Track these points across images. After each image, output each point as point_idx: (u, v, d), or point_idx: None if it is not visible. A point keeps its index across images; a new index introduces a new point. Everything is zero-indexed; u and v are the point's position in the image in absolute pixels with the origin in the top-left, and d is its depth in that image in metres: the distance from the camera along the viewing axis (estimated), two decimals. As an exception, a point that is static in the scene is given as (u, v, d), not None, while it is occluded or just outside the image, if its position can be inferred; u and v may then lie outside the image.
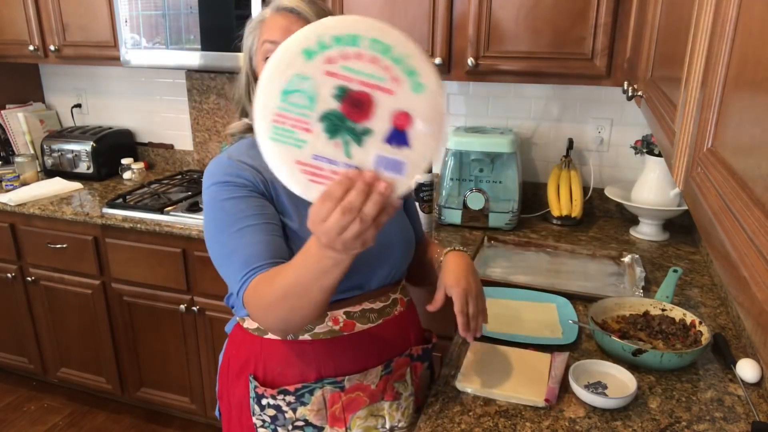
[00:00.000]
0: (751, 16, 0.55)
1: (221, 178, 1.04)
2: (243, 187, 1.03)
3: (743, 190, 0.51)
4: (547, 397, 1.11)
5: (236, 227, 0.99)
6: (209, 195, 1.05)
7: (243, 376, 1.12)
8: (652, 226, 1.95)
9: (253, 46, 1.07)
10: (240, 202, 1.01)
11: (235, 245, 0.99)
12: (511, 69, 1.81)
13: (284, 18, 1.05)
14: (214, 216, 1.03)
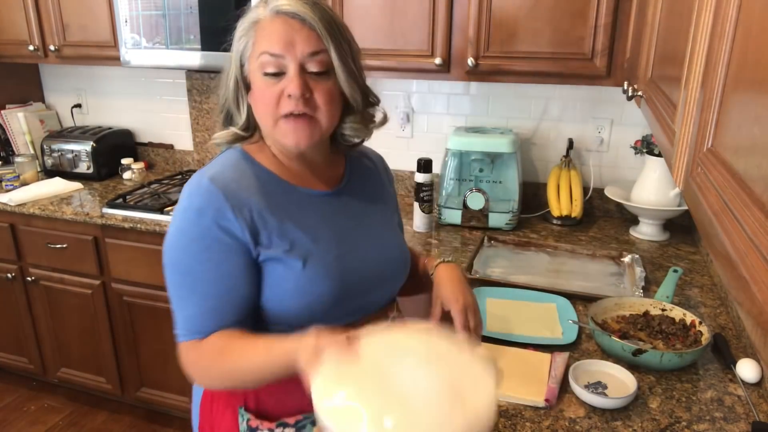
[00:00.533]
0: (751, 16, 0.55)
1: (201, 206, 0.92)
2: (214, 233, 0.91)
3: (743, 190, 0.51)
4: (547, 397, 1.11)
5: (192, 279, 0.93)
6: (183, 220, 0.94)
7: (230, 408, 1.02)
8: (652, 226, 1.95)
9: (246, 50, 0.95)
10: (206, 250, 0.92)
11: (184, 294, 0.94)
12: (511, 69, 1.81)
13: (285, 24, 0.92)
14: (176, 251, 0.95)
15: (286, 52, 0.91)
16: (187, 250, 0.93)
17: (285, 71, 0.91)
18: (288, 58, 0.91)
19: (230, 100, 0.99)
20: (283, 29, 0.91)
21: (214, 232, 0.91)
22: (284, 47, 0.91)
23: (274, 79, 0.92)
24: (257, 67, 0.93)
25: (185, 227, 0.93)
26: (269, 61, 0.91)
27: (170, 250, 0.95)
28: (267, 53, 0.91)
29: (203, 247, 0.92)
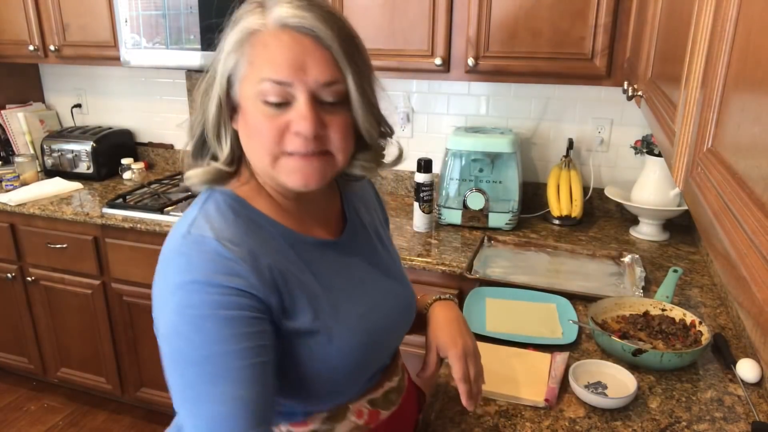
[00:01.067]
0: (751, 16, 0.55)
1: (209, 275, 0.71)
2: (234, 300, 0.71)
3: (743, 190, 0.51)
4: (547, 397, 1.11)
5: (214, 367, 0.70)
6: (186, 294, 0.71)
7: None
8: (652, 226, 1.95)
9: (237, 70, 0.75)
10: (228, 326, 0.70)
11: (204, 391, 0.71)
12: (511, 69, 1.81)
13: (294, 42, 0.73)
14: (184, 333, 0.71)
15: (295, 79, 0.73)
16: (200, 332, 0.70)
17: (291, 101, 0.74)
18: (297, 86, 0.73)
19: (210, 128, 0.79)
20: (291, 49, 0.72)
21: (237, 300, 0.71)
22: (293, 73, 0.72)
23: (276, 109, 0.74)
24: (255, 94, 0.74)
25: (192, 302, 0.71)
26: (272, 89, 0.73)
27: (174, 339, 0.72)
28: (270, 80, 0.73)
29: (224, 322, 0.70)
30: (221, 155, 0.80)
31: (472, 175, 2.02)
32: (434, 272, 1.74)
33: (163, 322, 0.73)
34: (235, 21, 0.76)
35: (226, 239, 0.74)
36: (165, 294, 0.73)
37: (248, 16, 0.75)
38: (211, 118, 0.78)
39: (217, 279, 0.71)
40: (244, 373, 0.70)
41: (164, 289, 0.73)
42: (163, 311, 0.73)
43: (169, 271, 0.74)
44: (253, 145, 0.77)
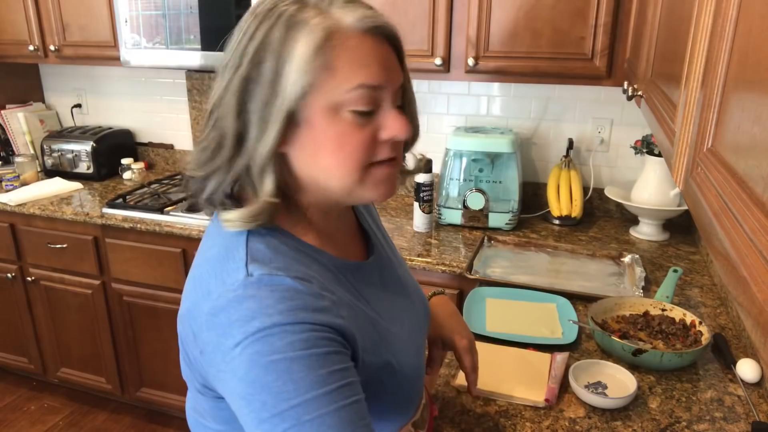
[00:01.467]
0: (751, 16, 0.55)
1: (288, 317, 0.62)
2: (324, 333, 0.63)
3: (743, 190, 0.51)
4: (547, 397, 1.11)
5: (312, 411, 0.61)
6: (259, 347, 0.61)
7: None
8: (652, 226, 1.95)
9: (309, 82, 0.64)
10: (320, 365, 0.62)
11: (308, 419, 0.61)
12: (511, 69, 1.81)
13: (378, 43, 0.67)
14: (271, 387, 0.60)
15: (387, 83, 0.68)
16: (291, 379, 0.61)
17: (376, 108, 0.68)
18: (387, 90, 0.68)
19: (263, 157, 0.66)
20: (379, 52, 0.67)
21: (326, 336, 0.63)
22: (386, 77, 0.67)
23: (365, 118, 0.68)
24: (338, 104, 0.66)
25: (275, 348, 0.61)
26: (366, 96, 0.66)
27: (258, 395, 0.61)
28: (366, 86, 0.66)
29: (316, 363, 0.62)
30: (267, 187, 0.68)
31: (472, 175, 2.02)
32: (434, 272, 1.74)
33: (236, 378, 0.62)
34: (274, 27, 0.65)
35: (298, 275, 0.65)
36: (233, 350, 0.62)
37: (313, 17, 0.65)
38: (270, 145, 0.65)
39: (300, 317, 0.62)
40: (346, 413, 0.62)
41: (231, 341, 0.62)
42: (234, 369, 0.62)
43: (234, 321, 0.62)
44: (332, 163, 0.68)
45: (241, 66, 0.66)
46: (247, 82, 0.66)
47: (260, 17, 0.67)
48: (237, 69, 0.66)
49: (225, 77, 0.68)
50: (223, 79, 0.68)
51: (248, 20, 0.69)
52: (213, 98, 0.70)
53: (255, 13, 0.69)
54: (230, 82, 0.67)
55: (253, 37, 0.66)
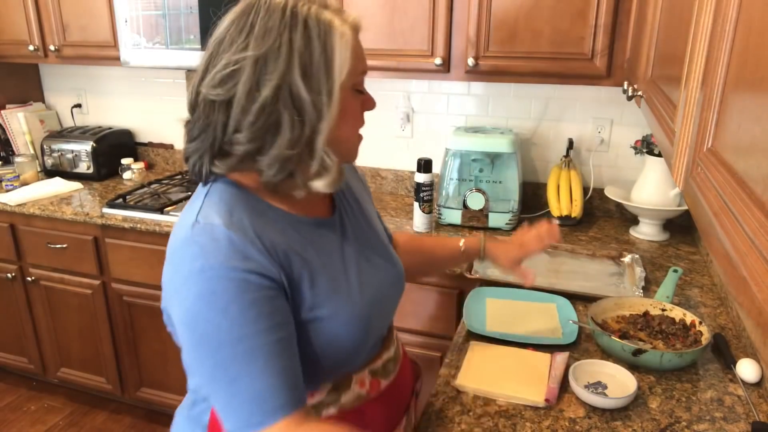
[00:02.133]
0: (751, 16, 0.55)
1: (228, 262, 0.74)
2: (253, 281, 0.75)
3: (743, 190, 0.52)
4: (547, 397, 1.11)
5: (247, 345, 0.73)
6: (205, 283, 0.73)
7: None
8: (652, 226, 1.95)
9: (350, 68, 0.80)
10: (255, 308, 0.74)
11: (240, 370, 0.74)
12: (512, 69, 1.81)
13: (358, 40, 0.85)
14: (211, 318, 0.73)
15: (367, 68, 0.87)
16: (227, 316, 0.73)
17: (363, 87, 0.87)
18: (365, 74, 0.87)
19: (327, 128, 0.79)
20: (360, 46, 0.84)
21: (254, 281, 0.75)
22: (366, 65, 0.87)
23: (360, 95, 0.86)
24: (357, 83, 0.84)
25: (213, 290, 0.73)
26: (362, 79, 0.86)
27: (200, 325, 0.74)
28: (364, 72, 0.86)
29: (248, 305, 0.74)
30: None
31: (472, 175, 2.02)
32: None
33: (182, 310, 0.76)
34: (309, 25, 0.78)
35: (234, 225, 0.78)
36: (180, 283, 0.76)
37: (334, 19, 0.80)
38: (332, 111, 0.79)
39: (233, 263, 0.74)
40: (274, 348, 0.75)
41: (179, 278, 0.76)
42: (181, 299, 0.76)
43: (182, 260, 0.77)
44: (348, 127, 0.84)
45: (293, 59, 0.76)
46: (305, 69, 0.77)
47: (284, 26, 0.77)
48: (289, 63, 0.76)
49: (276, 71, 0.76)
50: (270, 75, 0.76)
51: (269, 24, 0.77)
52: (266, 92, 0.76)
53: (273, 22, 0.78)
54: (286, 75, 0.76)
55: (291, 46, 0.77)
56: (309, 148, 0.79)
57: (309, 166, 0.81)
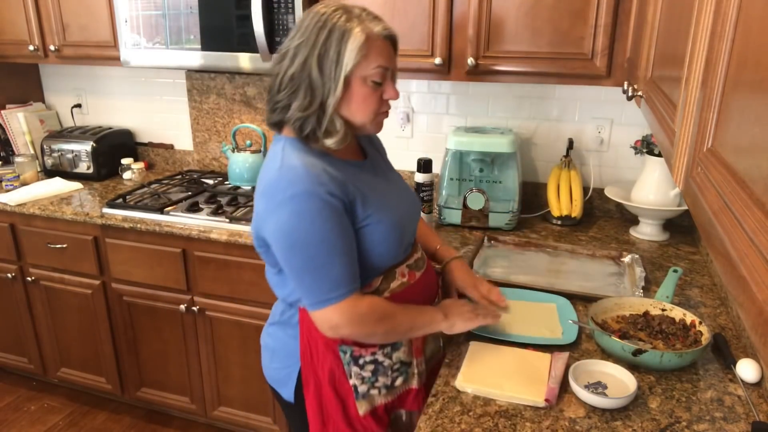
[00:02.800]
0: (751, 16, 0.55)
1: (306, 189, 1.07)
2: (329, 201, 1.08)
3: (743, 190, 0.52)
4: (547, 397, 1.11)
5: (326, 246, 1.08)
6: (295, 204, 1.07)
7: (330, 350, 1.21)
8: (652, 226, 1.95)
9: (356, 61, 1.09)
10: (329, 218, 1.08)
11: (323, 261, 1.08)
12: (511, 69, 1.81)
13: (388, 46, 1.15)
14: (301, 231, 1.07)
15: (391, 65, 1.15)
16: (314, 225, 1.07)
17: (384, 80, 1.14)
18: (389, 71, 1.15)
19: (333, 99, 1.11)
20: (387, 49, 1.14)
21: (330, 203, 1.08)
22: (390, 63, 1.15)
23: (378, 86, 1.14)
24: (368, 75, 1.11)
25: (302, 208, 1.07)
26: (379, 73, 1.12)
27: (294, 232, 1.07)
28: (382, 67, 1.12)
29: (327, 217, 1.08)
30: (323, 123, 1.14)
31: (472, 175, 2.02)
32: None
33: (278, 225, 1.09)
34: (335, 29, 1.09)
35: (308, 164, 1.11)
36: (275, 207, 1.09)
37: (355, 27, 1.09)
38: (337, 92, 1.10)
39: (313, 188, 1.07)
40: (344, 248, 1.10)
41: (273, 204, 1.09)
42: (277, 218, 1.08)
43: (276, 191, 1.09)
44: (359, 108, 1.14)
45: (315, 51, 1.09)
46: (320, 59, 1.10)
47: (317, 28, 1.10)
48: (312, 52, 1.09)
49: (301, 55, 1.10)
50: (300, 57, 1.11)
51: (310, 30, 1.11)
52: (295, 67, 1.11)
53: (311, 25, 1.11)
54: (309, 59, 1.10)
55: (316, 41, 1.09)
56: (320, 115, 1.12)
57: (321, 128, 1.13)
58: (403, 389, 1.28)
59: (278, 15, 1.93)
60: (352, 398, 1.23)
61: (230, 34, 2.01)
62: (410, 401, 1.29)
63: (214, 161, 2.71)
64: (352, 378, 1.22)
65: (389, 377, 1.24)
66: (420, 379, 1.29)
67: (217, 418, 2.31)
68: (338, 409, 1.24)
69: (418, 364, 1.29)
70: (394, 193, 1.29)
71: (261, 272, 1.99)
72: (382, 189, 1.24)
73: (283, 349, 1.30)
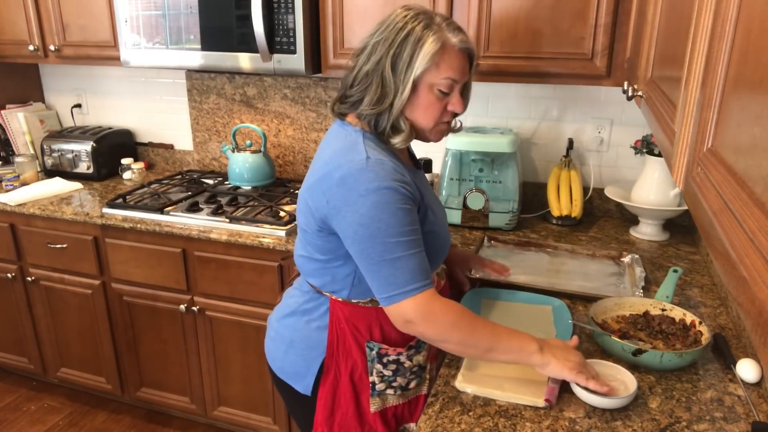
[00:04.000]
0: (751, 16, 0.55)
1: (391, 184, 1.09)
2: (409, 197, 1.11)
3: (743, 190, 0.52)
4: (547, 397, 1.11)
5: (405, 238, 1.09)
6: (380, 196, 1.08)
7: (356, 344, 1.25)
8: (652, 226, 1.95)
9: (425, 67, 1.12)
10: (409, 213, 1.11)
11: (399, 254, 1.09)
12: (511, 69, 1.81)
13: (464, 58, 1.17)
14: (384, 219, 1.08)
15: (460, 79, 1.17)
16: (395, 217, 1.08)
17: (451, 91, 1.17)
18: (458, 83, 1.18)
19: (401, 98, 1.14)
20: (461, 62, 1.16)
21: (408, 196, 1.11)
22: (460, 76, 1.17)
23: (443, 96, 1.17)
24: (435, 84, 1.14)
25: (386, 201, 1.08)
26: (447, 84, 1.15)
27: (375, 222, 1.08)
28: (450, 78, 1.15)
29: (408, 212, 1.10)
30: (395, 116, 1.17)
31: (472, 175, 2.02)
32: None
33: (357, 215, 1.09)
34: (412, 33, 1.12)
35: (393, 161, 1.14)
36: (356, 197, 1.09)
37: (431, 35, 1.12)
38: (407, 92, 1.14)
39: (397, 184, 1.10)
40: (420, 242, 1.12)
41: (354, 195, 1.09)
42: (357, 208, 1.09)
43: (359, 182, 1.09)
44: (421, 114, 1.18)
45: (390, 51, 1.13)
46: (394, 59, 1.13)
47: (397, 29, 1.13)
48: (389, 51, 1.13)
49: (378, 53, 1.14)
50: (376, 55, 1.14)
51: (390, 30, 1.14)
52: (370, 64, 1.15)
53: (391, 26, 1.15)
54: (383, 58, 1.13)
55: (393, 41, 1.13)
56: (388, 113, 1.16)
57: (387, 125, 1.17)
58: (414, 394, 1.31)
59: (278, 15, 1.93)
60: (366, 394, 1.26)
61: (230, 34, 2.01)
62: (419, 411, 1.30)
63: (214, 161, 2.71)
64: (373, 375, 1.25)
65: (406, 378, 1.28)
66: (430, 386, 1.30)
67: (217, 418, 2.31)
68: (351, 403, 1.26)
69: (430, 369, 1.31)
70: (439, 206, 1.34)
71: (261, 272, 1.99)
72: (433, 200, 1.29)
73: (304, 341, 1.29)
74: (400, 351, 1.25)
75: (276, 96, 2.50)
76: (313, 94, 2.44)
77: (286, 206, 2.16)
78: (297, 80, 2.44)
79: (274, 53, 1.98)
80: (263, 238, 1.95)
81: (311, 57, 1.98)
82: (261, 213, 2.09)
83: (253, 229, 2.00)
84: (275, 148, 2.57)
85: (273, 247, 1.92)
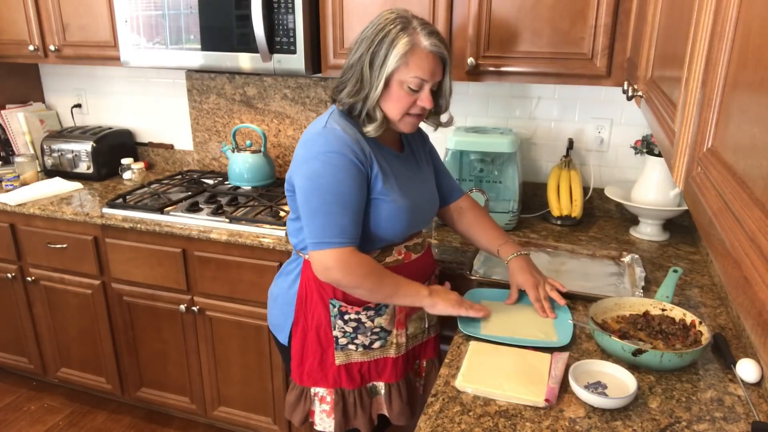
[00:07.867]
0: (751, 16, 0.55)
1: (340, 149, 1.27)
2: (356, 165, 1.27)
3: (743, 190, 0.52)
4: (547, 397, 1.11)
5: (342, 197, 1.26)
6: (325, 160, 1.26)
7: (322, 301, 1.41)
8: (652, 226, 1.95)
9: (396, 66, 1.26)
10: (351, 178, 1.27)
11: (334, 210, 1.26)
12: (512, 69, 1.81)
13: (434, 60, 1.29)
14: (326, 179, 1.26)
15: (429, 79, 1.30)
16: (337, 177, 1.26)
17: (421, 89, 1.31)
18: (428, 83, 1.30)
19: (375, 93, 1.29)
20: (431, 63, 1.28)
21: (355, 164, 1.27)
22: (430, 76, 1.30)
23: (412, 93, 1.30)
24: (405, 81, 1.28)
25: (332, 162, 1.26)
26: (416, 82, 1.28)
27: (319, 178, 1.26)
28: (418, 78, 1.28)
29: (349, 175, 1.27)
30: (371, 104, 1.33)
31: (472, 175, 2.02)
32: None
33: (308, 171, 1.28)
34: (388, 34, 1.26)
35: (347, 132, 1.30)
36: (311, 157, 1.28)
37: (404, 37, 1.26)
38: (380, 87, 1.28)
39: (345, 151, 1.27)
40: (356, 205, 1.29)
41: (310, 154, 1.29)
42: (309, 166, 1.28)
43: (314, 144, 1.29)
44: (393, 108, 1.32)
45: (370, 49, 1.28)
46: (376, 57, 1.28)
47: (377, 30, 1.27)
48: (368, 49, 1.28)
49: (360, 49, 1.29)
50: (359, 51, 1.30)
51: (372, 29, 1.29)
52: (354, 58, 1.31)
53: (375, 26, 1.29)
54: (363, 55, 1.28)
55: (373, 40, 1.28)
56: (363, 103, 1.32)
57: (363, 113, 1.33)
58: (380, 355, 1.45)
59: (278, 15, 1.93)
60: (332, 348, 1.43)
61: (230, 34, 2.01)
62: (388, 372, 1.46)
63: (214, 161, 2.71)
64: (335, 330, 1.41)
65: (368, 338, 1.43)
66: (398, 351, 1.46)
67: (217, 418, 2.31)
68: (317, 354, 1.44)
69: (398, 335, 1.46)
70: (416, 185, 1.45)
71: (261, 272, 1.99)
72: (405, 177, 1.41)
73: (283, 297, 1.49)
74: (357, 310, 1.40)
75: (276, 96, 2.50)
76: (313, 94, 2.44)
77: (286, 206, 2.16)
78: (297, 80, 2.44)
79: (274, 53, 1.98)
80: (263, 238, 1.95)
81: (311, 57, 1.98)
82: (261, 213, 2.09)
83: (253, 229, 2.00)
84: (275, 148, 2.57)
85: (273, 247, 1.92)
